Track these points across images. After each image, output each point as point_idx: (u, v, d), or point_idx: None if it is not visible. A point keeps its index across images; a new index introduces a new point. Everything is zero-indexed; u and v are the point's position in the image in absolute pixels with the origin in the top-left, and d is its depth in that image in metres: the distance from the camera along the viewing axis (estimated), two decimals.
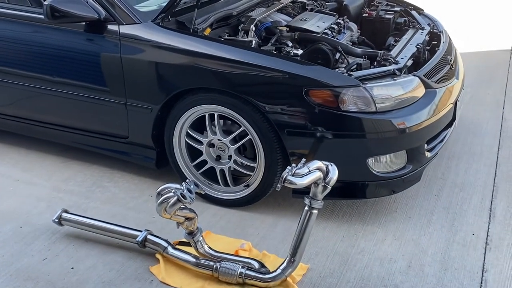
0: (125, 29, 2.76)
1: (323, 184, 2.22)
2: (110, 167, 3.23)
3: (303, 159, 2.25)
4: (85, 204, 2.92)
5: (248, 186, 2.80)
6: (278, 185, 2.14)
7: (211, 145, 2.81)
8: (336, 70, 2.65)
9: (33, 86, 3.04)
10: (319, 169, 2.22)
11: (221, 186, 2.85)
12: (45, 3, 2.68)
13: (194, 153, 2.87)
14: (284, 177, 2.11)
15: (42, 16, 2.82)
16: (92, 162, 3.29)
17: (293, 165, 2.17)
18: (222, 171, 2.83)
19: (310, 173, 2.18)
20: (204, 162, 2.85)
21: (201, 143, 2.82)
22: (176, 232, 2.49)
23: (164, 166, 3.01)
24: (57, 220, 2.65)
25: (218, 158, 2.83)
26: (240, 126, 2.69)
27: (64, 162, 3.30)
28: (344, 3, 3.46)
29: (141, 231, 2.52)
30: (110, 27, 2.79)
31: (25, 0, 3.47)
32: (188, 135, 2.83)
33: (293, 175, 2.14)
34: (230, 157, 2.79)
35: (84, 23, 2.81)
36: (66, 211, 2.68)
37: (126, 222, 2.71)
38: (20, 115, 3.24)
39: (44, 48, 2.94)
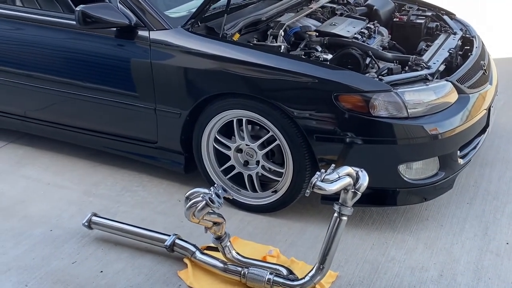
0: (155, 35, 2.78)
1: (353, 190, 2.18)
2: (139, 171, 3.25)
3: (333, 165, 2.21)
4: (114, 208, 2.93)
5: (276, 191, 2.77)
6: (307, 190, 2.11)
7: (239, 150, 2.80)
8: (367, 75, 2.61)
9: (63, 91, 3.07)
10: (349, 175, 2.18)
11: (249, 192, 2.84)
12: (77, 9, 2.71)
13: (222, 158, 2.86)
14: (313, 182, 2.08)
15: (73, 22, 2.87)
16: (121, 166, 3.31)
17: (322, 170, 2.14)
18: (250, 176, 2.81)
19: (340, 179, 2.14)
20: (232, 168, 2.84)
21: (229, 148, 2.81)
22: (204, 237, 2.48)
23: (192, 171, 3.01)
24: (87, 224, 2.66)
25: (246, 163, 2.82)
26: (268, 132, 2.67)
27: (94, 166, 3.33)
28: (374, 7, 3.42)
29: (169, 236, 2.52)
30: (140, 33, 2.80)
31: (54, 6, 3.57)
32: (216, 140, 2.82)
33: (322, 181, 2.11)
34: (258, 162, 2.77)
35: (114, 28, 2.83)
36: (95, 215, 2.69)
37: (155, 226, 2.71)
38: (50, 120, 3.28)
39: (75, 54, 2.97)
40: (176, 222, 2.79)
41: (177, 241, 2.50)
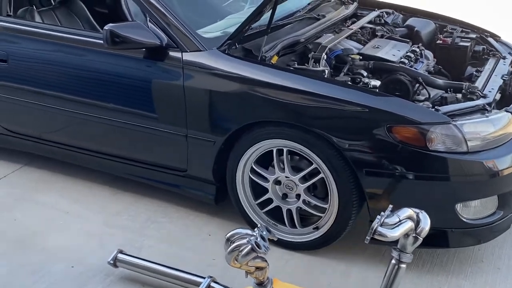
0: (189, 57, 2.58)
1: (414, 235, 1.96)
2: (163, 200, 3.03)
3: (390, 206, 1.99)
4: (139, 242, 2.71)
5: (317, 228, 2.55)
6: (367, 237, 1.88)
7: (277, 182, 2.58)
8: (421, 104, 2.40)
9: (84, 113, 2.88)
10: (410, 218, 1.96)
11: (287, 227, 2.62)
12: (106, 28, 2.52)
13: (258, 190, 2.64)
14: (374, 228, 1.85)
15: (98, 41, 2.71)
16: (143, 194, 3.08)
17: (382, 213, 1.92)
18: (289, 211, 2.59)
19: (401, 223, 1.92)
20: (269, 201, 2.62)
21: (266, 180, 2.60)
22: (240, 277, 2.23)
23: (222, 201, 2.80)
24: (112, 262, 2.44)
25: (285, 196, 2.60)
26: (311, 163, 2.46)
27: (115, 193, 3.11)
28: (415, 29, 3.22)
29: (203, 278, 2.29)
30: (172, 54, 2.61)
31: (75, 22, 3.40)
32: (252, 170, 2.61)
33: (381, 225, 1.89)
34: (298, 196, 2.55)
35: (144, 49, 2.64)
36: (121, 252, 2.47)
37: (185, 264, 2.49)
38: (68, 143, 3.09)
39: (99, 74, 2.79)
40: (207, 260, 2.57)
41: (213, 284, 2.27)
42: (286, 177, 2.54)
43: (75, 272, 2.50)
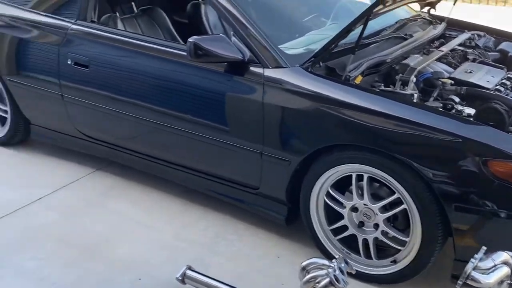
0: (270, 73, 2.50)
1: (509, 282, 1.79)
2: (233, 216, 2.95)
3: (483, 248, 1.83)
4: (208, 258, 2.65)
5: (395, 262, 2.40)
6: (459, 282, 1.73)
7: (354, 209, 2.45)
8: None
9: (160, 122, 2.86)
10: (505, 263, 1.79)
11: (362, 258, 2.48)
12: (190, 40, 2.48)
13: (333, 215, 2.52)
14: (468, 272, 1.70)
15: (180, 52, 2.70)
16: (214, 208, 3.03)
17: (476, 256, 1.76)
18: (365, 240, 2.45)
19: (496, 268, 1.76)
20: (344, 228, 2.50)
21: (342, 205, 2.47)
22: None
23: (294, 223, 2.69)
24: (180, 278, 2.38)
25: (361, 224, 2.46)
26: (394, 192, 2.32)
27: (185, 205, 3.07)
28: (510, 54, 3.00)
29: None
30: (253, 69, 2.54)
31: (156, 31, 3.41)
32: (328, 194, 2.49)
33: (474, 269, 1.74)
34: (376, 225, 2.41)
35: (225, 63, 2.59)
36: (190, 268, 2.40)
37: (253, 287, 2.40)
38: (141, 151, 3.08)
39: (178, 84, 2.76)
40: (276, 284, 2.47)
41: None
42: (365, 204, 2.41)
43: (142, 285, 2.46)
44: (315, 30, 3.05)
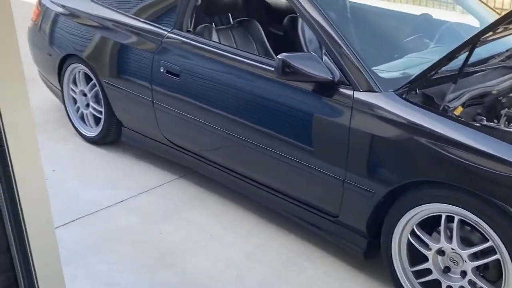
0: (360, 96, 2.36)
1: None
2: (309, 241, 2.83)
3: None
4: (277, 283, 2.54)
5: None
6: None
7: (440, 252, 2.24)
8: None
9: (244, 138, 2.81)
10: None
11: None
12: (279, 57, 2.41)
13: (416, 256, 2.32)
14: None
15: (269, 67, 2.64)
16: (290, 230, 2.92)
17: None
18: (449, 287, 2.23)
19: None
20: (427, 271, 2.28)
21: (428, 247, 2.27)
22: None
23: (372, 257, 2.52)
24: None
25: (447, 270, 2.24)
26: (487, 240, 2.08)
27: (261, 223, 2.99)
28: None
29: None
30: (343, 91, 2.42)
31: (250, 45, 3.37)
32: (413, 233, 2.29)
33: None
34: (463, 273, 2.18)
35: (313, 82, 2.48)
36: None
37: None
38: (224, 164, 3.05)
39: (266, 101, 2.69)
40: None
41: None
42: (453, 249, 2.19)
43: None
44: (416, 52, 2.86)
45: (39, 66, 4.13)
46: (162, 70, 3.10)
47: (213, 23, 3.41)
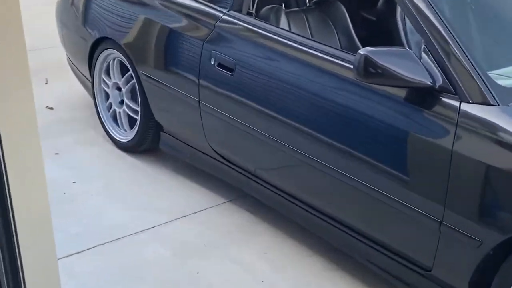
0: (470, 109, 2.25)
1: None
2: None
3: None
4: None
5: None
6: None
7: None
8: None
9: (312, 156, 2.76)
10: None
11: None
12: (361, 52, 2.34)
13: None
14: None
15: (347, 64, 2.59)
16: (364, 280, 2.82)
17: None
18: None
19: None
20: None
21: None
22: None
23: None
24: None
25: None
26: None
27: (328, 268, 2.91)
28: None
29: None
30: (445, 100, 2.32)
31: (331, 36, 3.33)
32: None
33: None
34: None
35: (406, 88, 2.39)
36: None
37: None
38: (285, 189, 3.02)
39: (342, 108, 2.64)
40: None
41: None
42: None
43: None
44: None
45: (68, 50, 4.26)
46: (212, 63, 3.10)
47: (282, 4, 3.39)
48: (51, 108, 4.34)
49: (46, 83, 4.73)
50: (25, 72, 1.79)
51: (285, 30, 3.09)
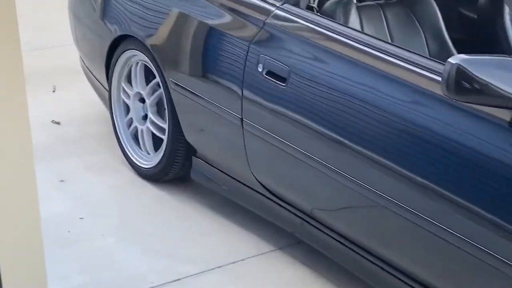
0: None
1: None
2: None
3: None
4: None
5: None
6: None
7: None
8: None
9: (387, 196, 2.73)
10: None
11: None
12: (451, 60, 2.32)
13: None
14: None
15: (434, 76, 2.59)
16: None
17: None
18: None
19: None
20: None
21: None
22: None
23: None
24: None
25: None
26: None
27: None
28: None
29: None
30: None
31: (417, 40, 3.36)
32: None
33: None
34: None
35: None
36: None
37: None
38: (352, 237, 3.01)
39: (429, 134, 2.61)
40: None
41: None
42: None
43: None
44: None
45: (81, 50, 4.35)
46: (260, 70, 3.10)
47: None
48: (58, 123, 4.41)
49: (53, 91, 4.83)
50: (17, 78, 1.81)
51: (356, 30, 3.09)
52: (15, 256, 1.75)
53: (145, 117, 3.85)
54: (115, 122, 4.01)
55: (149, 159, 3.85)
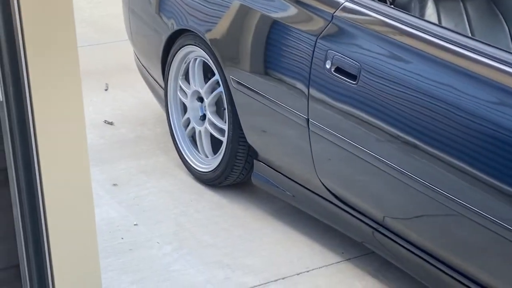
0: None
1: None
2: None
3: None
4: None
5: None
6: None
7: None
8: None
9: (471, 206, 2.68)
10: None
11: None
12: None
13: None
14: None
15: None
16: None
17: None
18: None
19: None
20: None
21: None
22: None
23: None
24: None
25: None
26: None
27: None
28: None
29: None
30: None
31: (499, 32, 3.31)
32: None
33: None
34: None
35: None
36: None
37: None
38: (429, 249, 2.96)
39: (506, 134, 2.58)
40: None
41: None
42: None
43: None
44: None
45: (136, 46, 4.39)
46: (328, 67, 3.09)
47: None
48: (111, 123, 4.45)
49: (106, 89, 4.87)
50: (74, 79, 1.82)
51: (434, 23, 3.07)
52: (70, 263, 1.76)
53: (203, 117, 3.86)
54: (171, 122, 4.03)
55: (207, 163, 3.87)
